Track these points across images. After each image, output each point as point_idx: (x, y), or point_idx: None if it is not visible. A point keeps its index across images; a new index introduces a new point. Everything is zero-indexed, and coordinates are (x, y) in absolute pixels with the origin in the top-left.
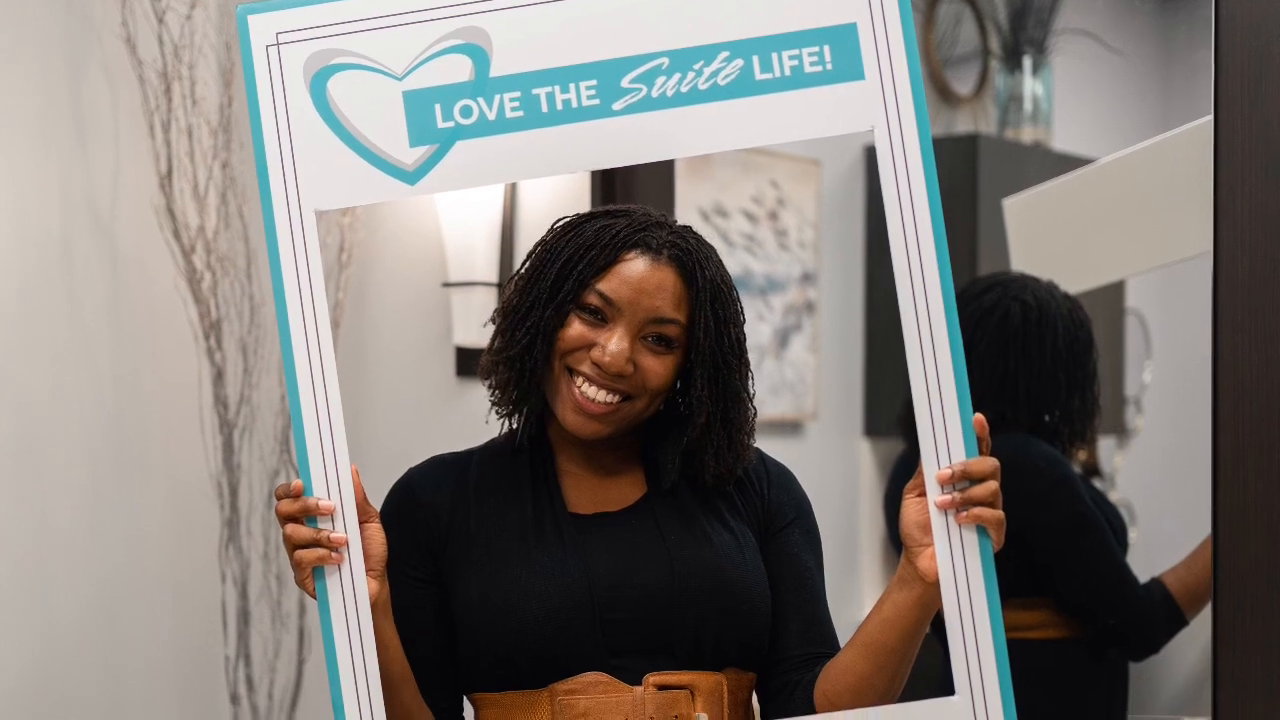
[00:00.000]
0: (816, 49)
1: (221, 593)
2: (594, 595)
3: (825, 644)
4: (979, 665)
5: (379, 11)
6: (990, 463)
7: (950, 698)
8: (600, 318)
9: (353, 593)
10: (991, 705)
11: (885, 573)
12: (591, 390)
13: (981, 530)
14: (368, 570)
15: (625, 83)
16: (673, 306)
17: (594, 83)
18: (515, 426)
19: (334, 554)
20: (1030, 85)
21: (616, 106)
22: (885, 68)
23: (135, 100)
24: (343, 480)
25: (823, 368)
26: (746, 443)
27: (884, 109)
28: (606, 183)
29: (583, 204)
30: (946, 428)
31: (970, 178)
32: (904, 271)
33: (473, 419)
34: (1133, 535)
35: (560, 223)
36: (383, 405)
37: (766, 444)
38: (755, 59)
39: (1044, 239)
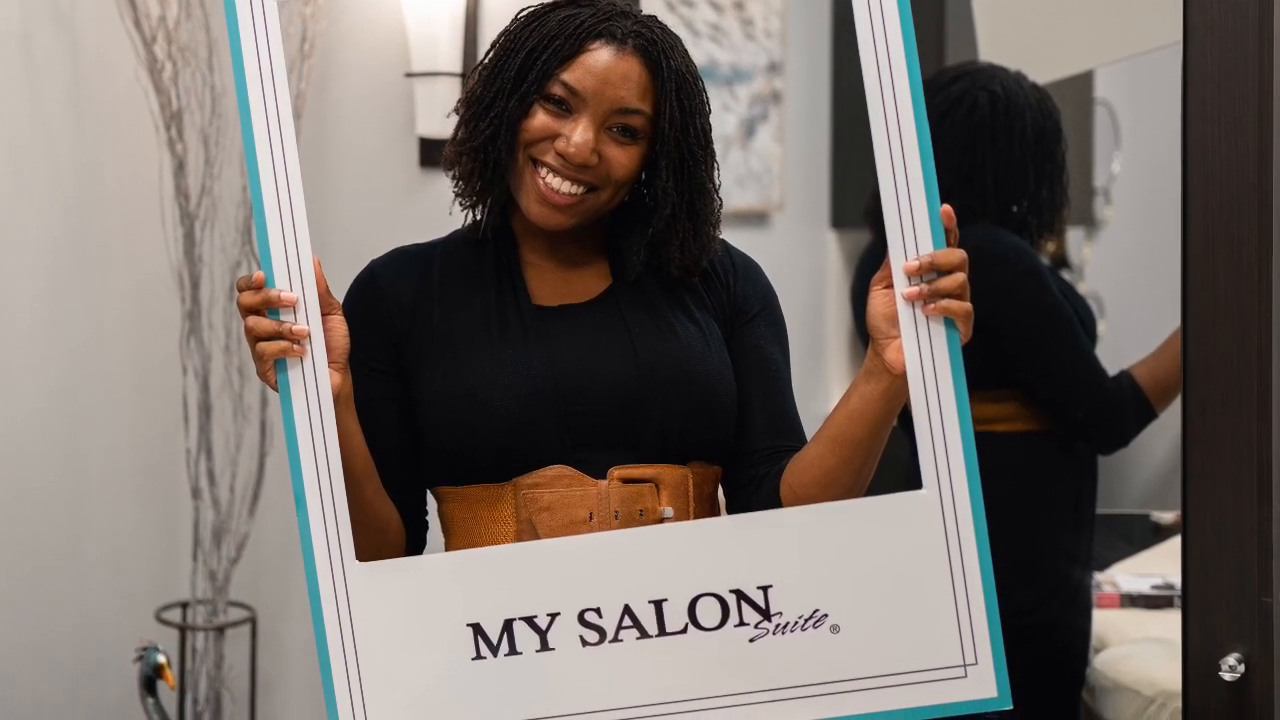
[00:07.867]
0: None
1: (183, 386)
2: (558, 387)
3: (791, 437)
4: (946, 458)
5: None
6: (958, 254)
7: (918, 491)
8: (565, 108)
9: (315, 385)
10: (959, 499)
11: (852, 365)
12: (556, 181)
13: (949, 322)
14: (330, 362)
15: None
16: (637, 96)
17: None
18: (479, 218)
19: (296, 346)
20: None
21: None
22: None
23: None
24: (305, 272)
25: (789, 158)
26: (712, 234)
27: None
28: None
29: None
30: (914, 219)
31: None
32: (871, 62)
33: (436, 210)
34: (1101, 327)
35: (524, 12)
36: (345, 196)
37: (732, 235)
38: None
39: (1012, 28)
